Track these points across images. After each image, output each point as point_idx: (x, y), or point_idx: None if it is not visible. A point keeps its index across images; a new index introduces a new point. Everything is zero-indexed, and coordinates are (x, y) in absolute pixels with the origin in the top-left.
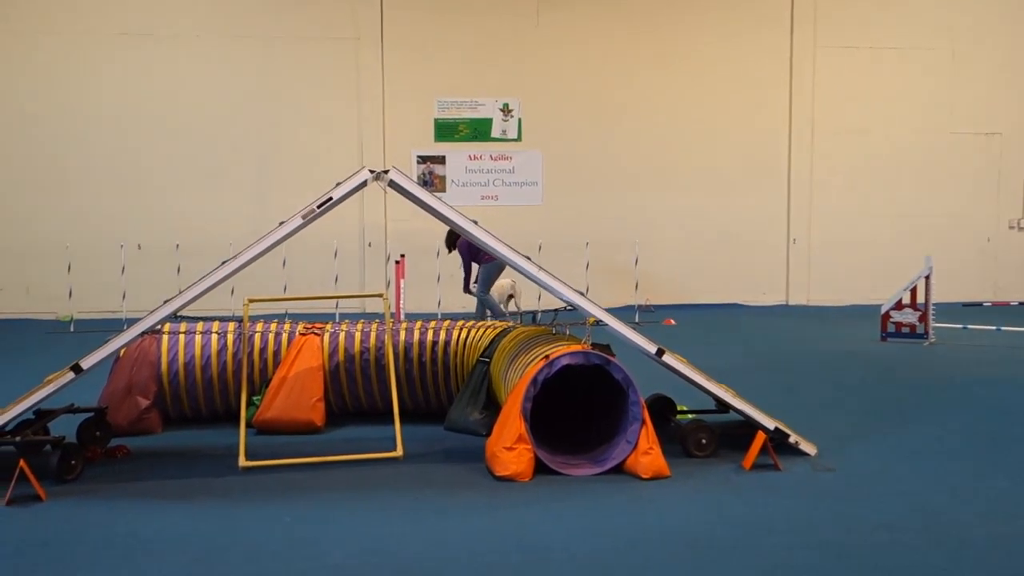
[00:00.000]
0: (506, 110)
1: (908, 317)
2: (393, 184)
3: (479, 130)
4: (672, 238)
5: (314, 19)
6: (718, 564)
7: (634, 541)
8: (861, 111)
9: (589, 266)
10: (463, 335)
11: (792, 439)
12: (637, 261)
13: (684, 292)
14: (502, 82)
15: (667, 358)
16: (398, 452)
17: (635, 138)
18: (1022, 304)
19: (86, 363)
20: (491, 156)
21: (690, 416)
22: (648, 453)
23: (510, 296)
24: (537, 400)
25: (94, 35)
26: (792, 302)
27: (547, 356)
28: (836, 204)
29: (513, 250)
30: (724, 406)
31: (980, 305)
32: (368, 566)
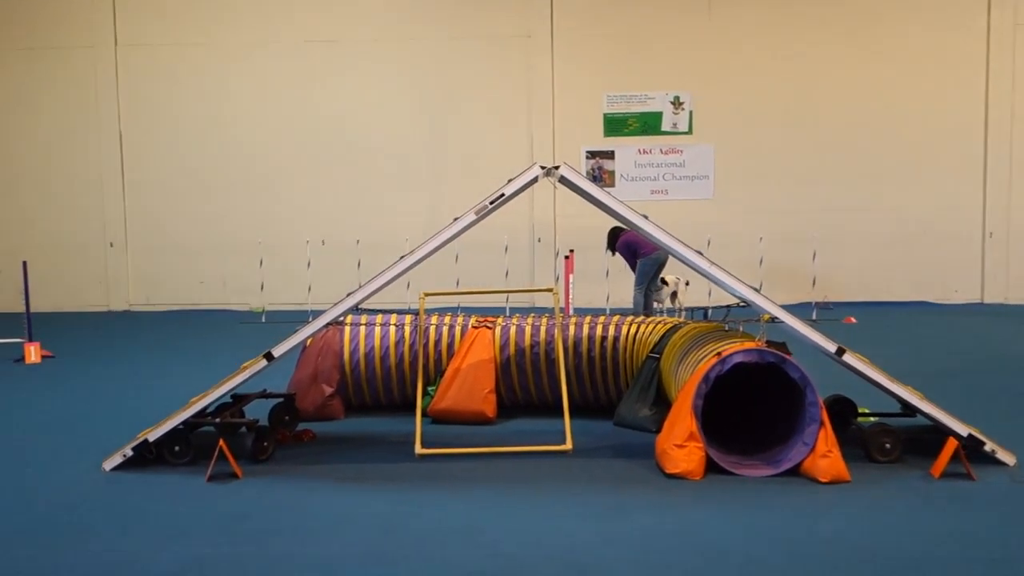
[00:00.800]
0: (677, 103)
1: None
2: (564, 180)
3: (649, 124)
4: (853, 232)
5: (485, 18)
6: None
7: (814, 548)
8: None
9: (763, 261)
10: (633, 330)
11: (988, 447)
12: (815, 256)
13: (866, 289)
14: (673, 75)
15: (848, 357)
16: (568, 446)
17: (812, 128)
18: None
19: (277, 351)
20: (661, 150)
21: (872, 419)
22: (827, 456)
23: (673, 293)
24: (708, 398)
25: (279, 44)
26: (988, 300)
27: (719, 353)
28: None
29: (684, 244)
30: (910, 409)
31: None
32: (541, 559)
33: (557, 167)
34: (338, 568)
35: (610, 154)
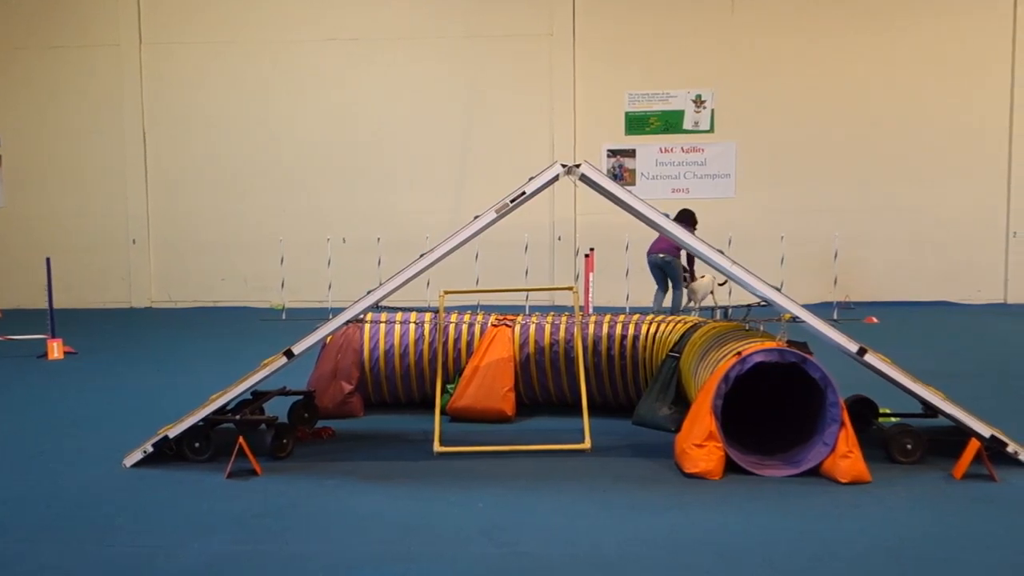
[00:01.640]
0: (698, 101)
1: None
2: (584, 178)
3: (670, 122)
4: (875, 231)
5: (508, 17)
6: None
7: (835, 549)
8: None
9: (784, 260)
10: (652, 329)
11: (1011, 448)
12: (836, 255)
13: (887, 289)
14: (694, 73)
15: (869, 357)
16: (586, 444)
17: (834, 127)
18: None
19: (297, 348)
20: (682, 148)
21: (893, 420)
22: (847, 456)
23: (709, 292)
24: (728, 397)
25: (302, 43)
26: (1011, 301)
27: (740, 352)
28: None
29: (705, 243)
30: (932, 410)
31: None
32: (562, 557)
33: (578, 165)
34: (357, 566)
35: (631, 152)
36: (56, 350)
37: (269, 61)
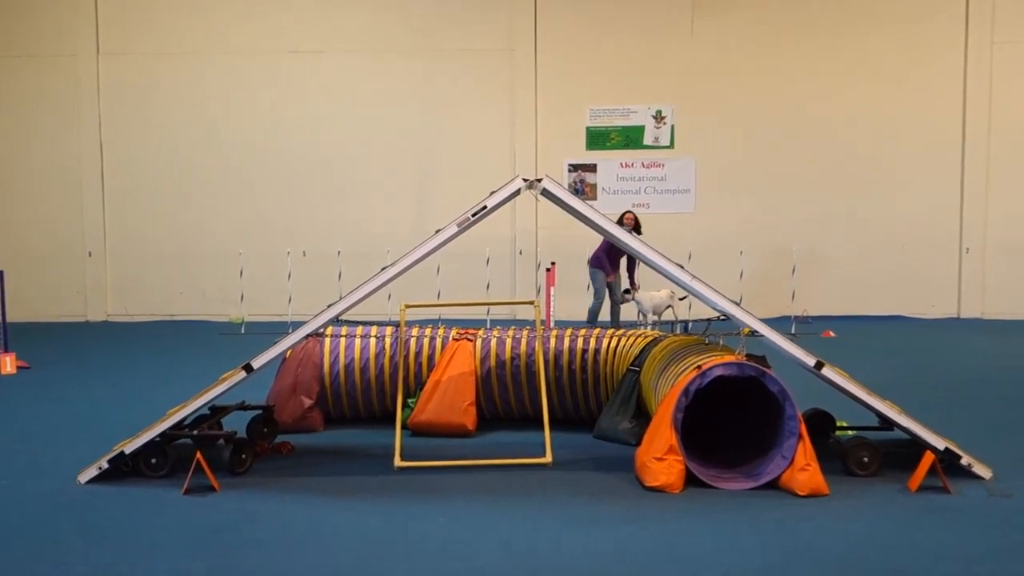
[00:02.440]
0: (659, 117)
1: None
2: (546, 192)
3: (631, 138)
4: (832, 246)
5: (469, 31)
6: None
7: (789, 561)
8: None
9: (743, 275)
10: (613, 343)
11: (964, 461)
12: (795, 270)
13: (844, 303)
14: (655, 89)
15: (827, 371)
16: (547, 458)
17: (793, 143)
18: None
19: (256, 363)
20: (643, 163)
21: (851, 433)
22: (805, 469)
23: (668, 307)
24: (688, 411)
25: (263, 55)
26: (964, 315)
27: (699, 366)
28: (1015, 210)
29: (665, 258)
30: (888, 423)
31: None
32: (520, 570)
33: (540, 179)
34: None
35: (592, 167)
36: (9, 364)
37: (229, 73)
